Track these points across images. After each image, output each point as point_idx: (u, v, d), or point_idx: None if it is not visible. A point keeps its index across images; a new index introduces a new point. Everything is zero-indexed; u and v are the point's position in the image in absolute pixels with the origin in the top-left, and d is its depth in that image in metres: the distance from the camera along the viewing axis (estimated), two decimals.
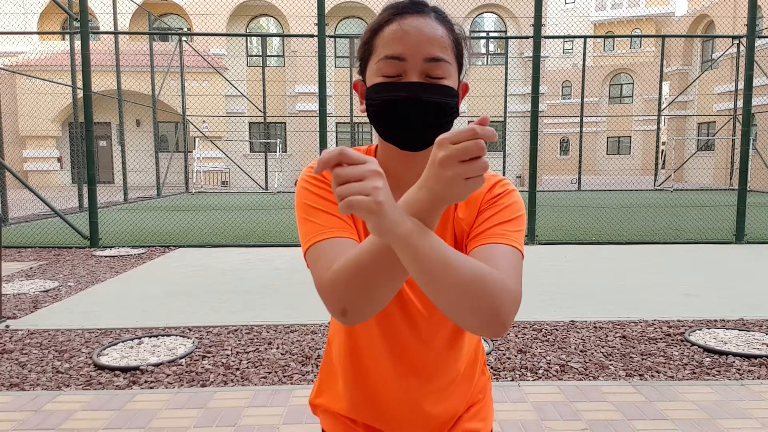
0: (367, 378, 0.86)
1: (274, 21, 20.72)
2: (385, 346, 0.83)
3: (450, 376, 0.86)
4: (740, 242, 6.66)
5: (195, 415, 2.26)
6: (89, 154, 6.50)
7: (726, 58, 19.53)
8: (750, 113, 6.81)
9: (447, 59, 0.72)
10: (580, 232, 7.59)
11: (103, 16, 18.90)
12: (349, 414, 0.87)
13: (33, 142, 19.30)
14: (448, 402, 0.88)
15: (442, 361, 0.85)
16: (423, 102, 0.71)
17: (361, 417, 0.87)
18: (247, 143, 20.43)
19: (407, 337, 0.82)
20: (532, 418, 2.24)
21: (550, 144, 30.30)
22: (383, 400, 0.86)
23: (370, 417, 0.88)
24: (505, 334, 3.24)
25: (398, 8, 0.73)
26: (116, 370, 2.72)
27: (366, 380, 0.86)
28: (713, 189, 18.03)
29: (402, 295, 0.80)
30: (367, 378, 0.86)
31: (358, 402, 0.87)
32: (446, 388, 0.87)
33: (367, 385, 0.86)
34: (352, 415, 0.87)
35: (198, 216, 9.86)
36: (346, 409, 0.87)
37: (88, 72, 6.58)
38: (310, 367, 2.78)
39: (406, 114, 0.72)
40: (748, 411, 2.29)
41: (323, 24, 6.47)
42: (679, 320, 3.52)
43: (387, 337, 0.83)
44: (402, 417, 0.86)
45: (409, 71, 0.71)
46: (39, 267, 5.38)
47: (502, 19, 20.48)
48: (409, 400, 0.85)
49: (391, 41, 0.71)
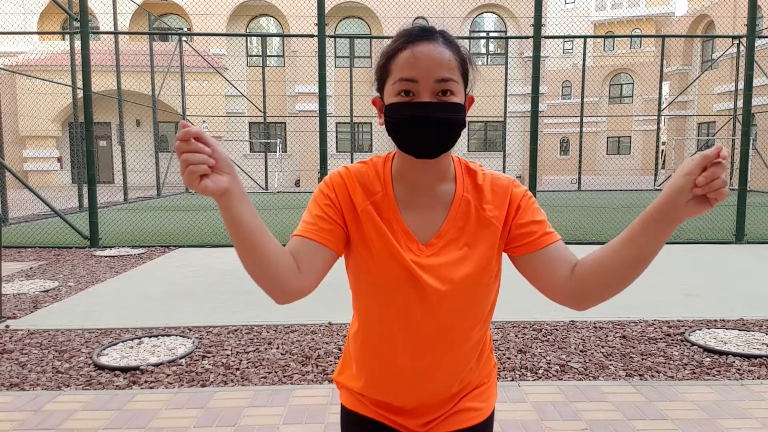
0: (378, 355, 0.94)
1: (274, 21, 20.72)
2: (399, 325, 0.91)
3: (460, 355, 0.93)
4: (740, 242, 6.66)
5: (195, 415, 2.26)
6: (89, 154, 6.50)
7: (726, 58, 19.53)
8: (750, 113, 6.81)
9: (454, 78, 0.84)
10: (581, 232, 7.59)
11: (103, 16, 18.90)
12: (361, 391, 0.98)
13: (33, 142, 19.30)
14: (453, 379, 0.94)
15: (452, 340, 0.92)
16: (434, 119, 0.83)
17: (371, 393, 0.98)
18: (247, 143, 20.43)
19: (419, 313, 0.90)
20: (532, 418, 2.24)
21: (550, 144, 30.30)
22: (394, 377, 0.94)
23: (379, 393, 0.97)
24: (506, 334, 3.25)
25: (410, 36, 0.85)
26: (116, 370, 2.72)
27: (377, 358, 0.95)
28: None
29: (413, 275, 0.88)
30: (379, 355, 0.94)
31: (369, 381, 0.97)
32: (455, 366, 0.93)
33: (379, 362, 0.95)
34: (364, 392, 0.98)
35: (198, 216, 9.86)
36: (359, 387, 0.99)
37: (88, 72, 6.58)
38: (310, 367, 2.77)
39: (420, 129, 0.84)
40: (748, 411, 2.29)
41: (323, 24, 6.47)
42: (679, 320, 3.52)
43: (400, 315, 0.91)
44: (409, 393, 0.94)
45: (422, 91, 0.83)
46: (39, 267, 5.38)
47: (502, 19, 20.48)
48: (418, 377, 0.93)
49: (405, 66, 0.83)
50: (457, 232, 0.90)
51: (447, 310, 0.89)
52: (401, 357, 0.92)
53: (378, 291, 0.90)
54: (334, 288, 4.40)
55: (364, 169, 0.93)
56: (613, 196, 14.95)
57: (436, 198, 0.91)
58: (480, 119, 20.36)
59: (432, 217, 0.90)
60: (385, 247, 0.88)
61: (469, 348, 0.93)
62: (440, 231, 0.90)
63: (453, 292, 0.88)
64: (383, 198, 0.91)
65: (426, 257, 0.89)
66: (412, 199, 0.91)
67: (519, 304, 3.91)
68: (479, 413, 0.97)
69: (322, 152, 6.64)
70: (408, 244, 0.89)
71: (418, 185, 0.91)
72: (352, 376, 1.00)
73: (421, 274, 0.88)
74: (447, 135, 0.85)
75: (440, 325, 0.90)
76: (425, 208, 0.91)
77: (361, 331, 0.96)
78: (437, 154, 0.86)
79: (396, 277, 0.88)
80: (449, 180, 0.92)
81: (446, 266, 0.88)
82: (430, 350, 0.91)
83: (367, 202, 0.90)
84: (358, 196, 0.91)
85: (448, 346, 0.91)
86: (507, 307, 3.85)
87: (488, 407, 0.99)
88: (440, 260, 0.89)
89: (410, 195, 0.91)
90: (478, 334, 0.94)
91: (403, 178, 0.91)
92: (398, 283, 0.88)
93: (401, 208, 0.90)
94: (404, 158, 0.90)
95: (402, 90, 0.83)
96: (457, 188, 0.91)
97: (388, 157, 0.95)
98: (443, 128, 0.84)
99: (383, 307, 0.91)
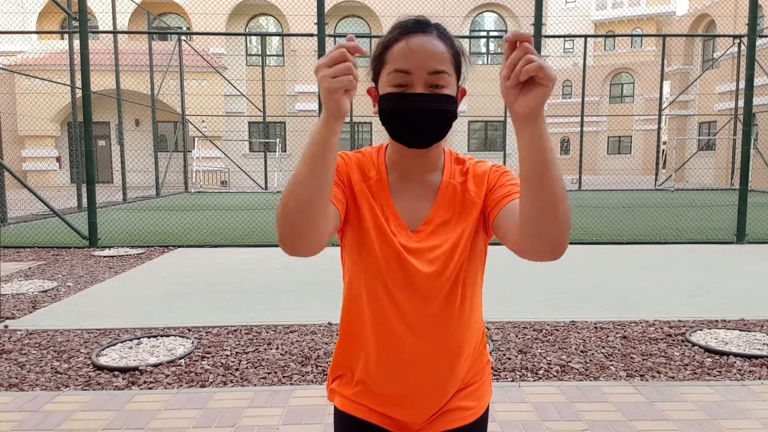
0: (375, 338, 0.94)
1: (274, 20, 20.71)
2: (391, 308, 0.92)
3: (455, 336, 0.94)
4: (741, 242, 6.65)
5: (194, 416, 2.25)
6: (88, 153, 6.49)
7: (727, 58, 19.51)
8: (751, 113, 6.80)
9: (447, 71, 0.86)
10: (581, 232, 7.59)
11: (102, 15, 18.88)
12: (355, 398, 0.99)
13: (32, 141, 19.28)
14: (450, 361, 0.94)
15: (444, 321, 0.93)
16: (426, 110, 0.85)
17: (365, 398, 0.97)
18: (247, 143, 20.42)
19: (409, 295, 0.92)
20: (532, 418, 2.23)
21: None
22: (390, 362, 0.94)
23: (376, 385, 0.96)
24: (506, 335, 3.24)
25: (405, 27, 0.87)
26: (115, 370, 2.71)
27: (374, 341, 0.94)
28: (714, 189, 18.02)
29: (401, 258, 0.90)
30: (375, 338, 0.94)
31: (365, 373, 0.97)
32: (451, 348, 0.94)
33: (376, 346, 0.94)
34: (357, 398, 0.98)
35: (197, 216, 9.84)
36: (352, 394, 0.99)
37: (87, 71, 6.57)
38: (309, 368, 2.77)
39: (412, 120, 0.86)
40: (749, 411, 2.28)
41: (323, 23, 6.46)
42: (679, 320, 3.52)
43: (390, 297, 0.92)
44: (407, 376, 0.94)
45: (415, 82, 0.85)
46: (38, 267, 5.37)
47: (502, 18, 20.46)
48: (414, 358, 0.93)
49: (400, 57, 0.85)
50: (444, 216, 0.93)
51: (434, 292, 0.91)
52: (396, 339, 0.93)
53: (370, 272, 0.92)
54: (334, 288, 4.39)
55: (361, 156, 0.97)
56: (613, 196, 14.94)
57: (425, 186, 0.94)
58: (480, 119, 20.35)
59: (420, 204, 0.94)
60: (378, 228, 0.91)
61: (463, 329, 0.94)
62: (427, 218, 0.93)
63: (436, 273, 0.91)
64: (377, 182, 0.94)
65: (414, 242, 0.92)
66: (403, 186, 0.94)
67: (519, 305, 3.90)
68: (471, 412, 0.97)
69: None
70: (398, 229, 0.92)
71: (409, 173, 0.94)
72: (345, 382, 1.01)
73: (408, 257, 0.91)
74: (438, 126, 0.87)
75: (429, 307, 0.92)
76: (415, 196, 0.94)
77: (355, 317, 0.96)
78: (428, 144, 0.89)
79: (386, 257, 0.91)
80: (438, 169, 0.95)
81: (432, 249, 0.91)
82: (423, 332, 0.92)
83: (363, 183, 0.94)
84: (355, 175, 0.94)
85: (442, 328, 0.93)
86: (507, 307, 3.84)
87: (481, 406, 0.99)
88: (427, 244, 0.92)
89: (401, 183, 0.94)
90: (469, 317, 0.95)
91: (395, 167, 0.94)
92: (388, 264, 0.91)
93: (393, 195, 0.94)
94: (396, 147, 0.93)
95: (396, 81, 0.85)
96: (444, 176, 0.94)
97: (381, 147, 0.98)
98: (435, 119, 0.86)
99: (375, 289, 0.93)
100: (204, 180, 19.50)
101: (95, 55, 14.60)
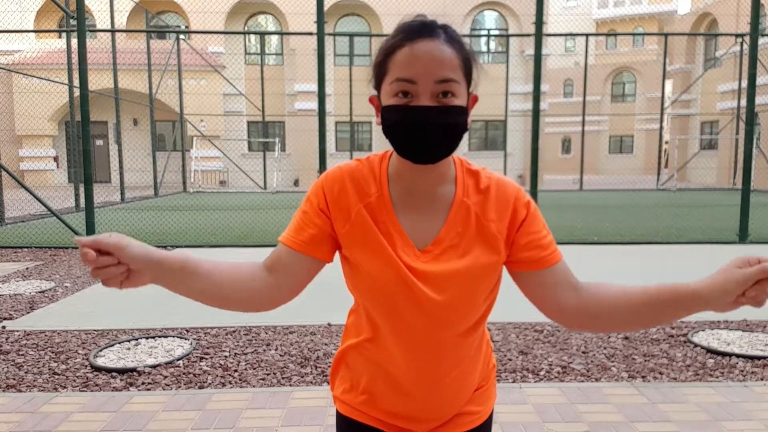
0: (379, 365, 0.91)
1: (273, 19, 20.67)
2: (395, 333, 0.88)
3: (459, 363, 0.90)
4: (744, 242, 6.63)
5: (193, 417, 2.24)
6: (86, 153, 6.46)
7: (729, 57, 19.49)
8: (753, 112, 6.78)
9: (456, 79, 0.78)
10: (582, 232, 7.57)
11: (99, 13, 18.84)
12: (361, 408, 0.95)
13: (29, 141, 19.25)
14: (453, 390, 0.91)
15: (452, 349, 0.89)
16: (434, 124, 0.78)
17: (372, 408, 0.95)
18: (246, 142, 20.39)
19: (414, 321, 0.86)
20: (533, 419, 2.22)
21: (551, 143, 30.27)
22: (396, 389, 0.91)
23: (383, 403, 0.94)
24: (507, 335, 3.22)
25: (410, 31, 0.79)
26: (113, 371, 2.69)
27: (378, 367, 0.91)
28: (716, 188, 18.01)
29: (407, 282, 0.84)
30: (380, 365, 0.91)
31: (370, 396, 0.94)
32: (454, 376, 0.90)
33: (383, 373, 0.91)
34: (363, 408, 0.95)
35: (196, 216, 9.82)
36: (358, 403, 0.95)
37: (84, 70, 6.54)
38: (309, 369, 2.75)
39: (418, 135, 0.79)
40: (751, 413, 2.26)
41: (322, 22, 6.44)
42: (682, 321, 3.50)
43: (394, 322, 0.87)
44: (413, 404, 0.91)
45: (421, 93, 0.78)
46: (35, 267, 5.35)
47: (503, 16, 20.43)
48: (421, 388, 0.90)
49: (403, 65, 0.77)
50: (455, 239, 0.85)
51: (442, 320, 0.85)
52: (401, 365, 0.89)
53: (373, 297, 0.87)
54: (334, 288, 4.37)
55: (359, 168, 0.88)
56: (615, 196, 14.93)
57: (435, 201, 0.86)
58: (481, 118, 20.31)
59: (429, 221, 0.85)
60: (379, 251, 0.84)
61: (469, 351, 0.91)
62: (438, 237, 0.85)
63: (448, 302, 0.84)
64: (378, 199, 0.86)
65: (422, 263, 0.84)
66: (409, 201, 0.86)
67: (520, 305, 3.87)
68: (477, 416, 0.95)
69: (321, 151, 6.60)
70: (404, 248, 0.84)
71: (415, 187, 0.86)
72: (351, 390, 0.97)
73: (416, 282, 0.83)
74: (447, 140, 0.80)
75: (436, 334, 0.86)
76: (423, 211, 0.86)
77: (362, 340, 0.93)
78: (437, 159, 0.81)
79: (390, 282, 0.84)
80: (449, 182, 0.87)
81: (443, 275, 0.84)
82: (428, 359, 0.88)
83: (360, 204, 0.86)
84: (351, 198, 0.86)
85: (447, 354, 0.88)
86: (508, 308, 3.81)
87: (486, 410, 0.97)
88: (437, 268, 0.84)
89: (407, 197, 0.86)
90: (476, 340, 0.92)
91: (400, 179, 0.86)
92: (392, 289, 0.84)
93: (397, 210, 0.86)
94: (401, 160, 0.85)
95: (399, 91, 0.78)
96: (457, 192, 0.86)
97: (385, 155, 0.90)
98: (443, 133, 0.79)
99: (378, 314, 0.87)
100: (203, 180, 19.47)
101: (93, 53, 14.55)
